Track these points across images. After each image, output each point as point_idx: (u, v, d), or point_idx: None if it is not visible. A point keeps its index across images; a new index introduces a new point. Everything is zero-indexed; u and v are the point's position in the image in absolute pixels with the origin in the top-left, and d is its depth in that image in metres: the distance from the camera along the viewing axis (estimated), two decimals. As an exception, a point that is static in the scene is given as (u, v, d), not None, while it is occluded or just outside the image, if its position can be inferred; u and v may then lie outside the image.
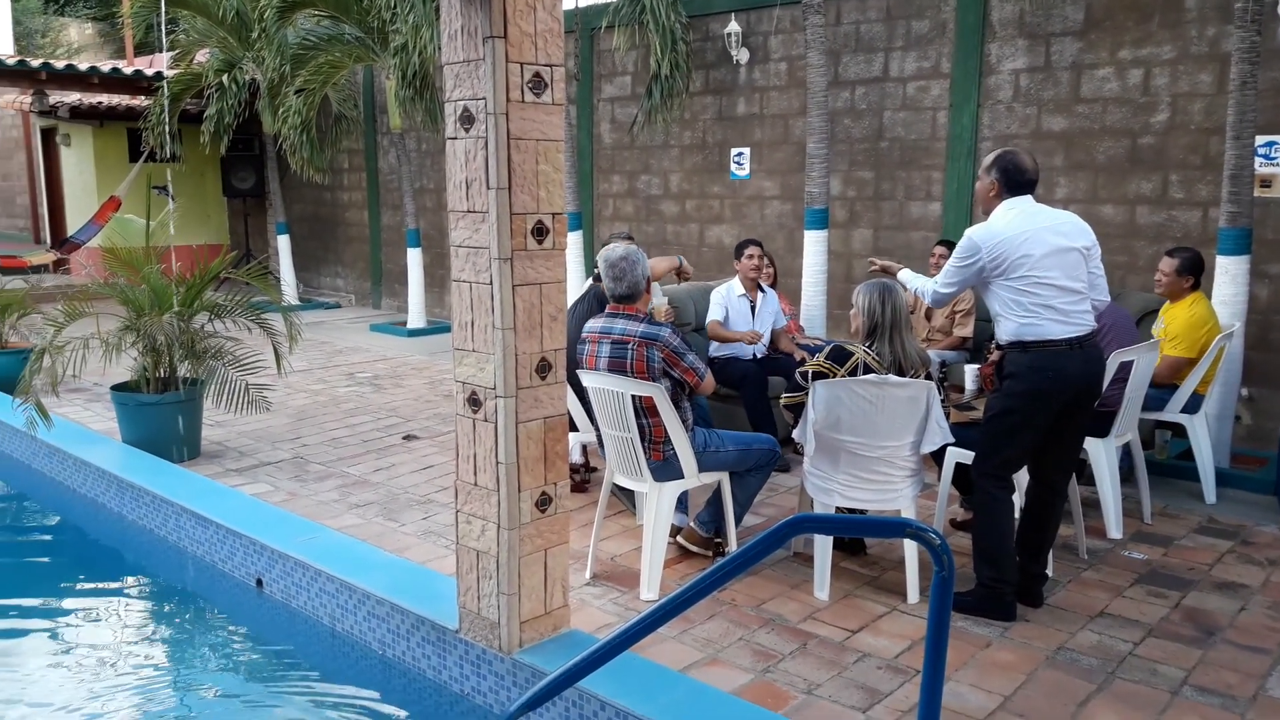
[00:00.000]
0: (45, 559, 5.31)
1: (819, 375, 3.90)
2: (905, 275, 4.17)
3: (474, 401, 3.25)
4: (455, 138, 3.15)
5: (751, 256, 5.86)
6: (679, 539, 4.37)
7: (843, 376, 3.85)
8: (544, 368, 3.26)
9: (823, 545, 3.96)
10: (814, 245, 7.13)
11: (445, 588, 3.70)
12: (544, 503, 3.32)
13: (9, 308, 7.47)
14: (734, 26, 8.30)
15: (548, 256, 3.21)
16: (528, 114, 3.07)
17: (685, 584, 2.25)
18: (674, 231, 9.17)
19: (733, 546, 4.20)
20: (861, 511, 4.04)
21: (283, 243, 12.30)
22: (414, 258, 10.51)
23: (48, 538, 5.70)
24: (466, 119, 3.09)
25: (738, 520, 4.26)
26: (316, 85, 9.90)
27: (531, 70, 3.04)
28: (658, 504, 3.97)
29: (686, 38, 8.31)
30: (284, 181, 12.49)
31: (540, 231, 3.17)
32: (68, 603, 4.70)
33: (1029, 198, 3.70)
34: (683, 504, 4.45)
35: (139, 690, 3.77)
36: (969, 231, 3.72)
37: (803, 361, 5.89)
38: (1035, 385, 3.62)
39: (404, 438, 6.39)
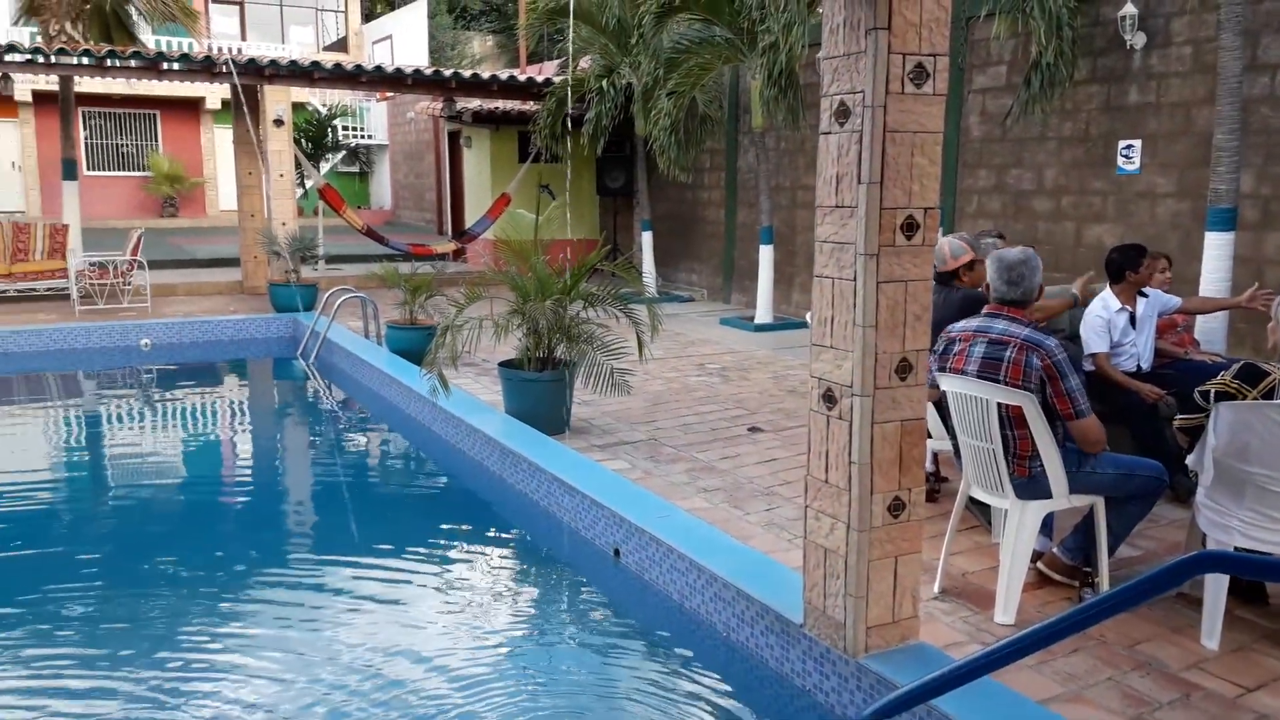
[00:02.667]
0: (438, 511, 6.03)
1: (1224, 396, 3.44)
2: None
3: (829, 398, 3.24)
4: (829, 132, 3.14)
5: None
6: (1040, 564, 4.06)
7: (1255, 399, 3.38)
8: (904, 368, 3.16)
9: (1216, 588, 3.50)
10: (1217, 249, 6.31)
11: (790, 580, 3.72)
12: (897, 508, 3.24)
13: (419, 289, 8.56)
14: (1130, 9, 7.55)
15: (916, 253, 3.11)
16: (906, 106, 2.99)
17: (1045, 612, 2.09)
18: (1046, 230, 8.53)
19: (1104, 580, 3.83)
20: (1264, 554, 3.52)
21: (646, 239, 12.99)
22: (765, 254, 10.66)
23: (441, 492, 6.48)
24: (842, 113, 3.07)
25: (1111, 551, 3.88)
26: (686, 87, 10.33)
27: (914, 61, 2.96)
28: (1019, 523, 3.72)
29: (1073, 23, 7.68)
30: (650, 181, 13.18)
31: (910, 227, 3.08)
32: (452, 552, 5.31)
33: None
34: (1047, 525, 4.13)
35: (505, 638, 4.18)
36: None
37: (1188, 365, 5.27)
38: None
39: (749, 429, 6.51)
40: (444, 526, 5.65)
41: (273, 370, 10.30)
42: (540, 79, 13.34)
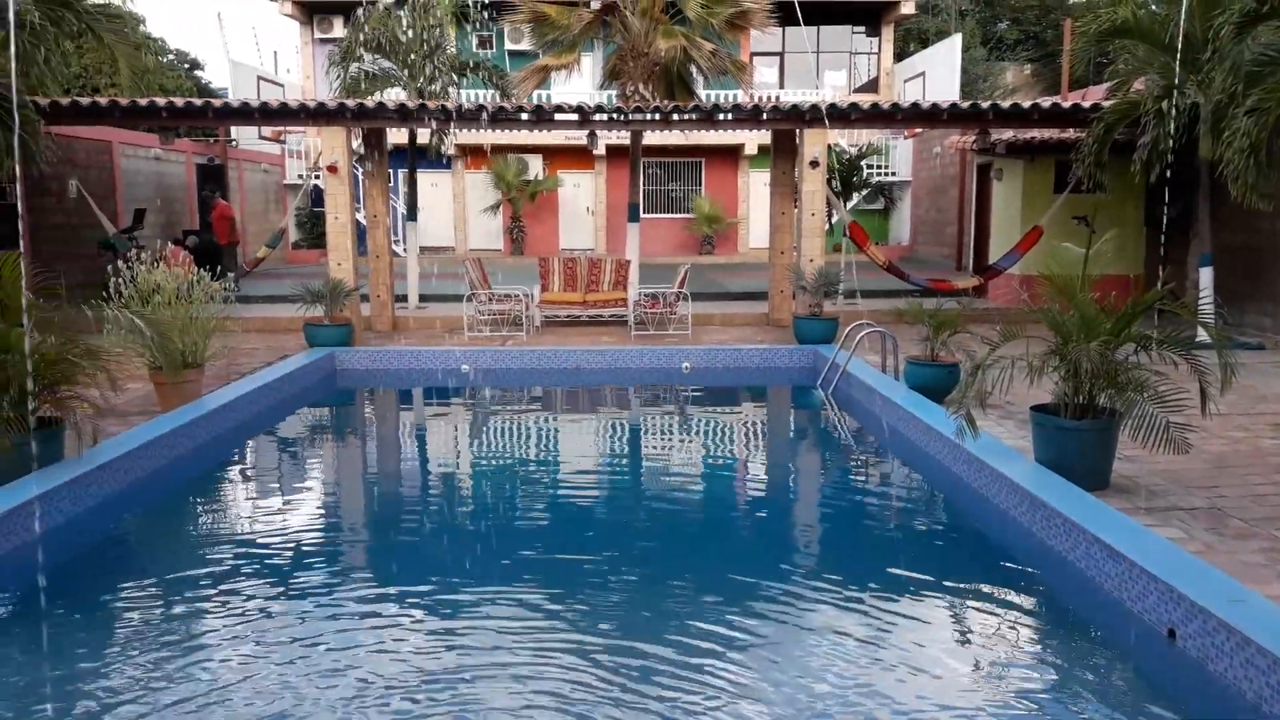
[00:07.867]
0: (953, 556, 5.77)
1: None
2: None
3: None
4: None
5: None
6: None
7: None
8: None
9: None
10: None
11: None
12: None
13: (944, 325, 8.36)
14: None
15: None
16: None
17: None
18: None
19: None
20: None
21: (1204, 275, 11.38)
22: (1376, 297, 8.75)
23: (957, 537, 6.22)
24: None
25: None
26: (1272, 104, 8.89)
27: None
28: None
29: None
30: (1215, 210, 11.56)
31: None
32: (967, 601, 5.00)
33: None
34: None
35: (1022, 709, 3.83)
36: None
37: None
38: None
39: (1351, 510, 5.35)
40: (959, 573, 5.40)
41: (792, 398, 10.76)
42: (1086, 104, 12.38)
